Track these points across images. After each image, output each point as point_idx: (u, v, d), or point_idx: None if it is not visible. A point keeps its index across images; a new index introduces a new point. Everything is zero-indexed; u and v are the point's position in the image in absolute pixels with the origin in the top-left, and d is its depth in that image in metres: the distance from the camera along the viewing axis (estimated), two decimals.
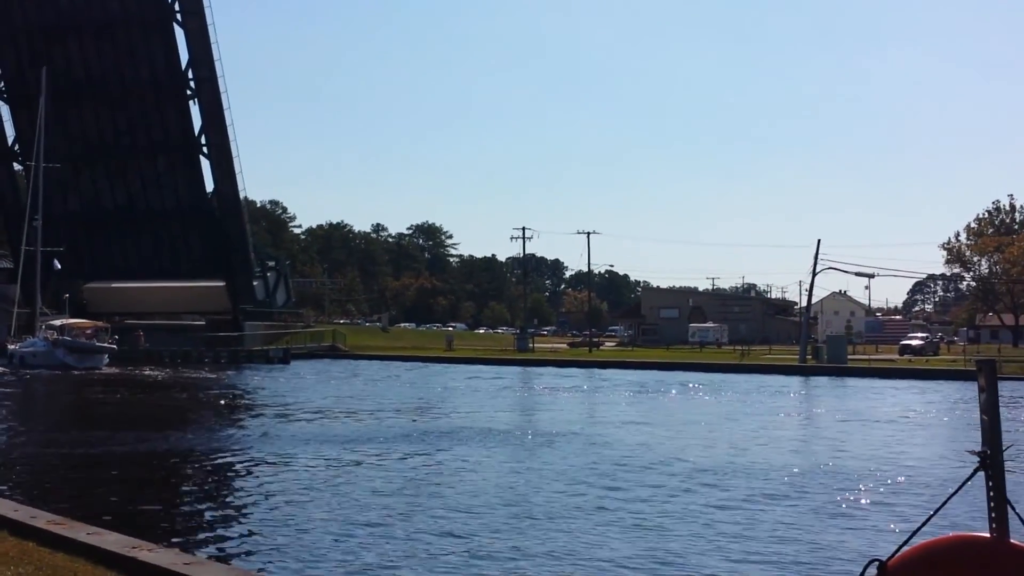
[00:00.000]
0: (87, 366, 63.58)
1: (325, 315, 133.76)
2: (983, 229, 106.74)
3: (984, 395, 4.87)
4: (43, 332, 67.71)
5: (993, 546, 4.77)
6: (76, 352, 64.95)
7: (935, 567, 4.79)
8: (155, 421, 32.84)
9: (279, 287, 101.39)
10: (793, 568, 12.59)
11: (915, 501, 17.29)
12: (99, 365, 64.98)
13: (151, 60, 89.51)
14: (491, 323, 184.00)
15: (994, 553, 4.75)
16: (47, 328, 68.01)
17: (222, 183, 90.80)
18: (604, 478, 19.47)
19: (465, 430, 28.64)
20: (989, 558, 4.73)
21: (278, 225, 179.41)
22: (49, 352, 64.40)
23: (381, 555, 13.08)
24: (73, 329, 68.29)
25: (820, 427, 31.80)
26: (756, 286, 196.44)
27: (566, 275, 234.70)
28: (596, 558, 12.93)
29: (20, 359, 64.67)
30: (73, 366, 62.55)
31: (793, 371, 63.47)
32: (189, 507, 17.11)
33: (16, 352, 65.82)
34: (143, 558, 9.29)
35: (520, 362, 77.33)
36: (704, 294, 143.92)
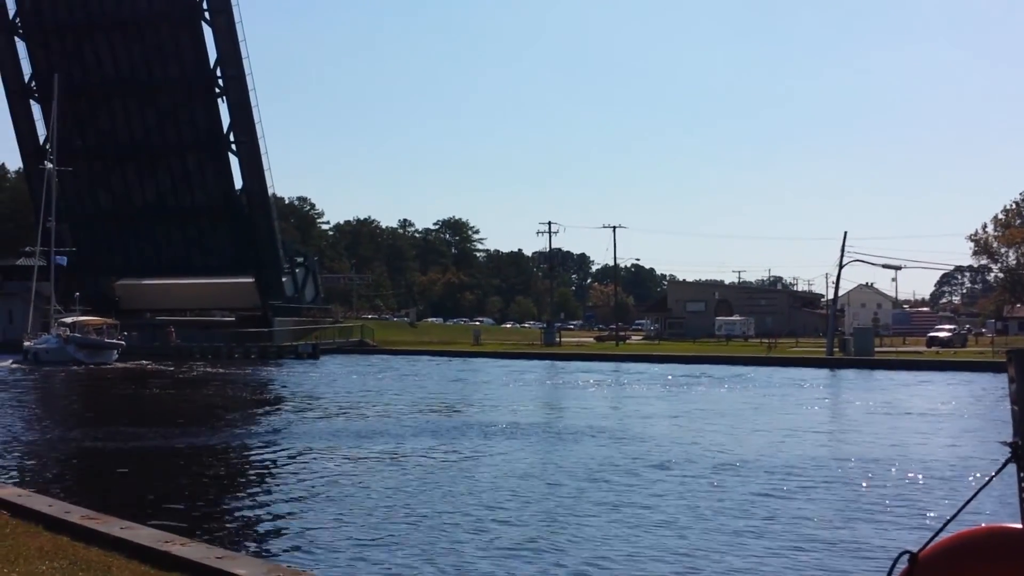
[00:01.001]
0: (97, 361, 65.40)
1: (353, 311, 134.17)
2: (1010, 220, 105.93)
3: (1015, 385, 4.86)
4: (56, 329, 69.24)
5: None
6: (86, 348, 66.99)
7: (967, 558, 4.77)
8: (186, 417, 33.05)
9: (307, 283, 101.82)
10: (822, 561, 12.57)
11: (944, 493, 17.22)
12: (108, 360, 66.83)
13: (180, 58, 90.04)
14: (518, 318, 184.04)
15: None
16: (60, 325, 69.45)
17: (250, 180, 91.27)
18: (629, 473, 19.45)
19: (493, 425, 28.69)
20: (1022, 548, 4.71)
21: (306, 221, 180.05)
22: (60, 348, 66.54)
23: (412, 549, 13.14)
24: (85, 326, 70.14)
25: (847, 420, 31.67)
26: (782, 279, 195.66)
27: (592, 269, 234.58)
28: (623, 553, 12.92)
29: (34, 355, 66.88)
30: (84, 361, 64.51)
31: (820, 364, 63.21)
32: (221, 501, 17.23)
33: (31, 348, 68.01)
34: (176, 552, 9.38)
35: (547, 356, 77.36)
36: (730, 287, 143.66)
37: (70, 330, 68.20)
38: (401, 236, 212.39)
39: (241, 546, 13.22)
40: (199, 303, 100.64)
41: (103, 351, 68.11)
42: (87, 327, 70.20)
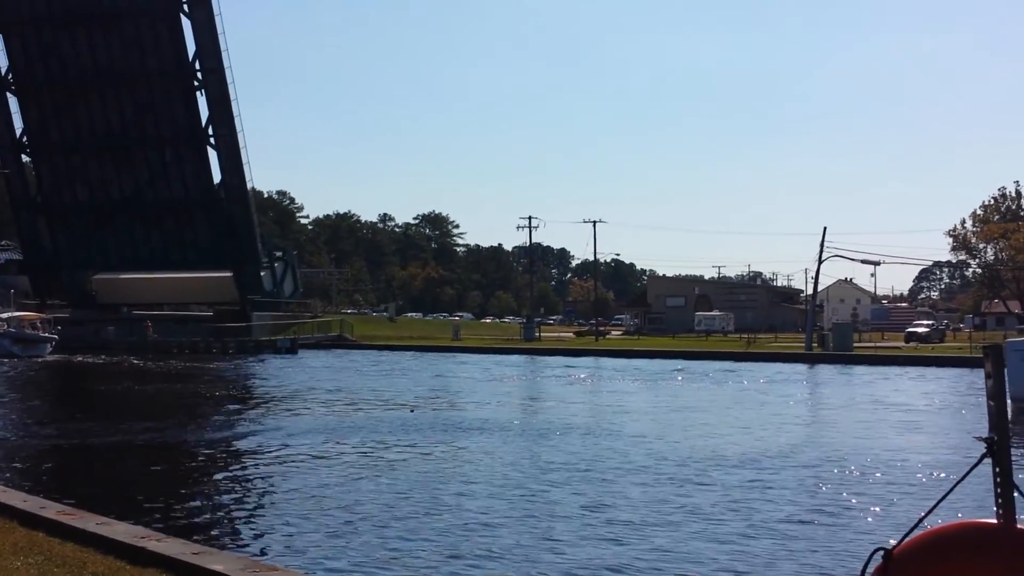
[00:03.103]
0: (31, 354, 67.08)
1: (332, 305, 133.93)
2: (989, 216, 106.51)
3: (991, 381, 4.87)
4: None
5: (1000, 531, 4.76)
6: (20, 342, 68.72)
7: (941, 554, 4.78)
8: (161, 412, 32.90)
9: (286, 277, 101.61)
10: (796, 557, 12.58)
11: (919, 489, 17.28)
12: (42, 353, 68.87)
13: (158, 51, 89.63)
14: (498, 312, 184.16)
15: (1001, 538, 4.74)
16: None
17: (229, 174, 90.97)
18: (603, 470, 19.40)
19: (471, 420, 28.65)
20: (996, 543, 4.72)
21: (285, 215, 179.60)
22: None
23: (389, 545, 13.10)
24: (20, 321, 71.99)
25: (824, 415, 31.79)
26: (762, 274, 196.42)
27: (572, 264, 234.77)
28: (592, 552, 12.88)
29: None
30: (18, 355, 65.95)
31: (799, 359, 63.47)
32: (197, 497, 17.15)
33: None
34: (152, 548, 9.33)
35: (527, 351, 77.43)
36: (710, 282, 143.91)
37: (7, 325, 69.71)
38: (381, 231, 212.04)
39: (217, 542, 13.15)
40: (177, 297, 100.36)
41: (37, 344, 70.03)
42: (22, 322, 72.02)
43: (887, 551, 4.84)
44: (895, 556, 4.82)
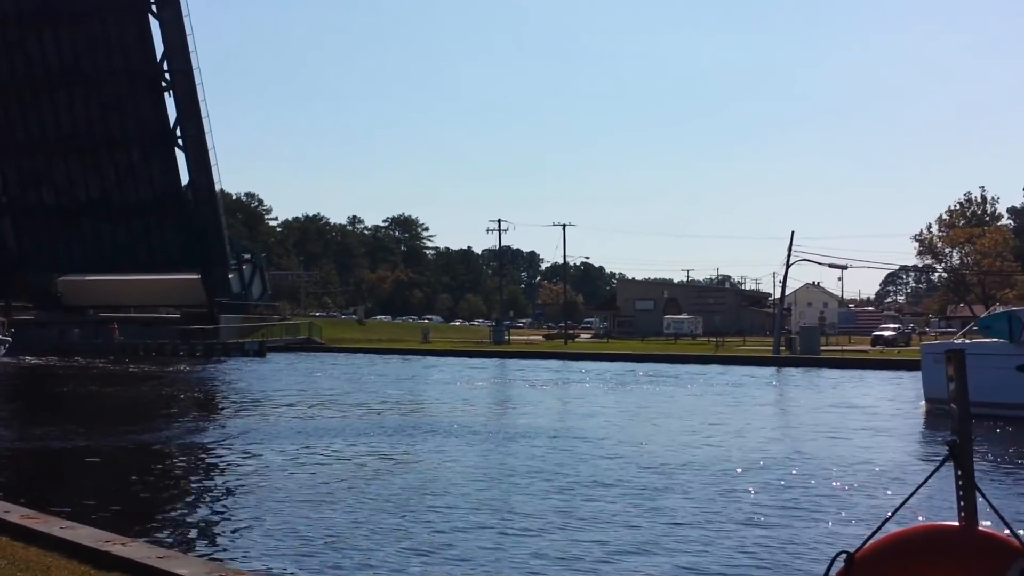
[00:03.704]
0: None
1: (301, 308, 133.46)
2: (954, 221, 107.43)
3: (953, 385, 4.91)
4: None
5: (962, 533, 4.80)
6: None
7: (904, 557, 4.81)
8: (127, 415, 32.68)
9: (255, 280, 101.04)
10: (759, 561, 12.63)
11: (882, 491, 17.39)
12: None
13: (126, 51, 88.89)
14: (467, 315, 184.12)
15: (964, 540, 4.77)
16: None
17: (197, 175, 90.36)
18: (571, 474, 19.37)
19: (438, 424, 28.61)
20: (959, 545, 4.76)
21: (254, 217, 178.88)
22: None
23: (355, 549, 13.06)
24: None
25: (789, 418, 31.97)
26: (730, 278, 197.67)
27: (542, 267, 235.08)
28: (558, 558, 12.88)
29: None
30: None
31: (767, 362, 63.76)
32: (163, 501, 17.04)
33: None
34: (117, 552, 9.26)
35: (496, 354, 77.32)
36: (679, 286, 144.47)
37: None
38: (350, 233, 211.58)
39: (183, 546, 13.08)
40: (144, 300, 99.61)
41: None
42: None
43: (850, 554, 4.87)
44: (858, 559, 4.85)
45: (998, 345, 30.84)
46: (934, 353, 32.60)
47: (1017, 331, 30.10)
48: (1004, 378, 29.31)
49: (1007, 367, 29.60)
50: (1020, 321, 30.40)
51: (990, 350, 30.84)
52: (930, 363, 32.52)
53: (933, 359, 32.18)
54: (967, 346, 32.02)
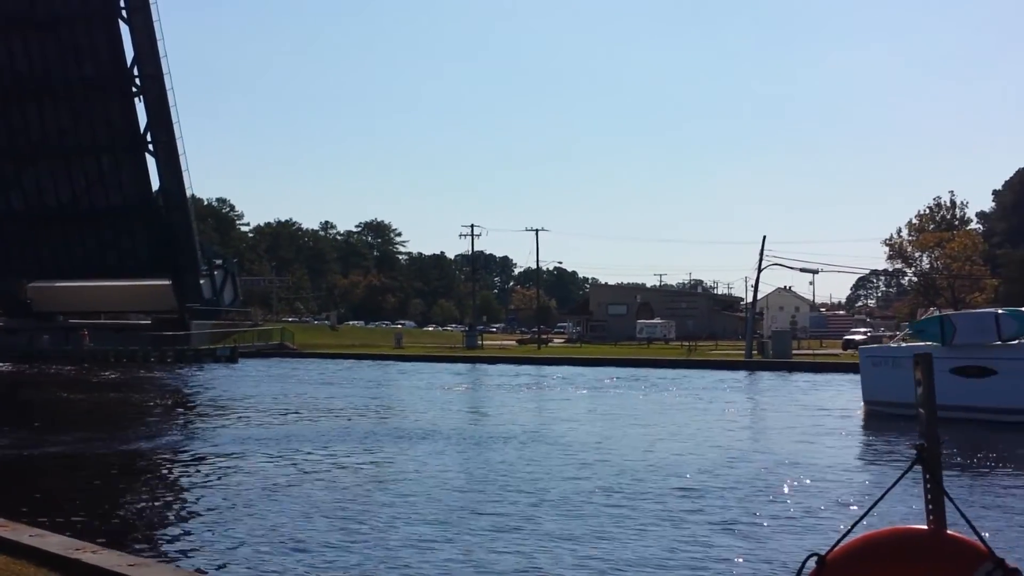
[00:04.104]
0: None
1: (273, 313, 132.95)
2: (924, 225, 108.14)
3: (921, 388, 4.96)
4: None
5: (931, 537, 4.84)
6: None
7: (874, 559, 4.85)
8: (98, 422, 32.45)
9: (226, 285, 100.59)
10: (729, 562, 12.68)
11: (852, 494, 17.50)
12: None
13: (96, 56, 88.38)
14: (440, 320, 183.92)
15: (932, 544, 4.82)
16: None
17: (168, 181, 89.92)
18: (541, 479, 19.38)
19: (412, 429, 28.57)
20: (927, 549, 4.81)
21: (225, 223, 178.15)
22: None
23: (326, 556, 13.03)
24: None
25: (760, 422, 32.18)
26: (703, 282, 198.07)
27: (515, 272, 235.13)
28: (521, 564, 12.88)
29: None
30: None
31: (739, 366, 64.03)
32: (134, 508, 16.93)
33: None
34: (87, 560, 9.20)
35: (469, 359, 77.28)
36: (651, 290, 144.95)
37: None
38: (322, 238, 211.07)
39: (153, 553, 13.01)
40: (114, 306, 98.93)
41: None
42: None
43: (821, 556, 4.90)
44: (829, 561, 4.89)
45: (931, 348, 31.16)
46: (872, 357, 33.85)
47: (949, 335, 30.85)
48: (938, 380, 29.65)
49: (940, 370, 29.94)
50: (952, 325, 31.23)
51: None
52: (868, 367, 33.75)
53: (871, 363, 33.51)
54: (902, 350, 33.18)
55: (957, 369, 30.50)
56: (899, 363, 32.08)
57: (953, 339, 30.73)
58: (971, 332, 30.76)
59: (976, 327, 30.91)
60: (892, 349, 34.48)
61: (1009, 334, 30.25)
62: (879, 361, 33.59)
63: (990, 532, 13.39)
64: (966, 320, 32.07)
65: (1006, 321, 30.57)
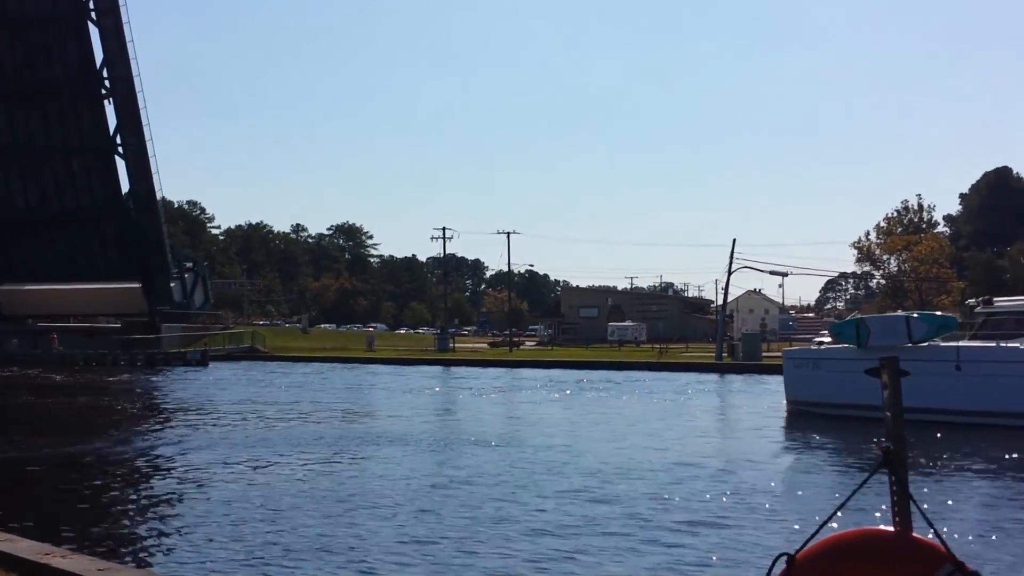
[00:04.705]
0: None
1: (244, 316, 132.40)
2: (892, 228, 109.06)
3: (887, 392, 5.02)
4: None
5: (897, 539, 4.92)
6: None
7: (842, 559, 4.92)
8: (66, 426, 32.23)
9: (197, 288, 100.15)
10: (700, 563, 12.75)
11: (820, 495, 17.62)
12: None
13: (65, 59, 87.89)
14: (412, 323, 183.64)
15: (898, 546, 4.90)
16: None
17: (138, 183, 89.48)
18: (509, 482, 19.36)
19: (381, 433, 28.53)
20: (893, 551, 4.88)
21: (196, 226, 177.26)
22: None
23: (295, 560, 13.02)
24: None
25: (730, 424, 32.37)
26: (674, 285, 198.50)
27: (486, 275, 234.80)
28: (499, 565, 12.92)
29: None
30: None
31: (709, 368, 64.23)
32: (103, 513, 16.84)
33: None
34: (56, 564, 9.15)
35: (441, 362, 77.21)
36: (623, 293, 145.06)
37: None
38: (294, 241, 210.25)
39: (123, 558, 12.96)
40: (84, 309, 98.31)
41: None
42: None
43: (790, 556, 4.97)
44: (798, 561, 4.95)
45: (848, 350, 32.90)
46: (794, 359, 35.42)
47: (864, 337, 32.05)
48: (854, 381, 31.53)
49: (856, 371, 31.58)
50: (867, 328, 32.40)
51: (841, 355, 33.32)
52: (791, 368, 35.23)
53: (793, 364, 35.06)
54: (821, 352, 34.86)
55: (872, 371, 31.00)
56: (819, 364, 33.91)
57: (868, 341, 31.94)
58: (884, 335, 31.92)
59: (889, 330, 32.08)
60: (812, 351, 35.96)
61: (919, 337, 31.45)
62: (801, 363, 35.02)
63: (957, 534, 13.55)
64: (879, 323, 33.23)
65: (916, 324, 31.83)
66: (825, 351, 34.84)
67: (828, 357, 34.16)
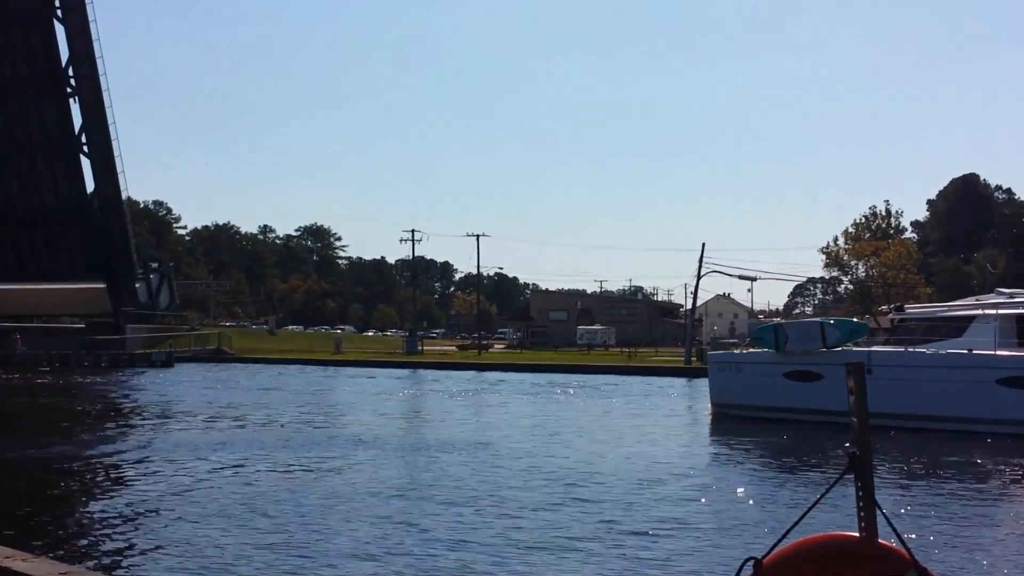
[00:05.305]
0: None
1: (210, 318, 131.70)
2: (860, 234, 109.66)
3: (853, 397, 5.03)
4: None
5: (862, 544, 4.94)
6: None
7: (808, 564, 4.95)
8: (27, 427, 31.89)
9: (162, 289, 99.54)
10: (667, 566, 12.75)
11: (788, 498, 17.68)
12: None
13: (30, 56, 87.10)
14: (380, 326, 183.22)
15: (863, 551, 4.92)
16: None
17: (103, 183, 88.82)
18: (474, 487, 19.32)
19: (349, 436, 28.41)
20: (858, 556, 4.91)
21: (162, 226, 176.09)
22: None
23: (258, 564, 12.93)
24: None
25: (698, 428, 32.47)
26: (643, 289, 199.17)
27: (456, 277, 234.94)
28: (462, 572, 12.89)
29: None
30: None
31: (678, 372, 64.46)
32: (65, 516, 16.66)
33: None
34: (18, 568, 9.02)
35: (409, 364, 77.13)
36: (592, 296, 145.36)
37: None
38: (261, 242, 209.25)
39: (86, 561, 12.83)
40: (47, 309, 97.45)
41: None
42: None
43: (757, 560, 4.98)
44: (765, 565, 4.96)
45: (767, 355, 34.22)
46: (719, 363, 36.62)
47: (782, 342, 33.23)
48: (773, 384, 33.30)
49: (775, 374, 33.35)
50: (785, 334, 33.49)
51: (760, 359, 34.66)
52: (716, 371, 36.48)
53: (718, 368, 36.31)
54: (743, 356, 36.18)
55: (789, 374, 33.17)
56: (740, 368, 35.09)
57: (786, 346, 33.07)
58: (800, 340, 32.98)
59: (804, 335, 33.09)
60: (735, 355, 37.17)
61: (833, 342, 32.47)
62: (724, 367, 36.13)
63: (920, 539, 13.63)
64: (796, 329, 34.13)
65: (830, 330, 32.87)
66: (746, 355, 36.10)
67: (748, 361, 35.28)
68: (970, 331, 30.44)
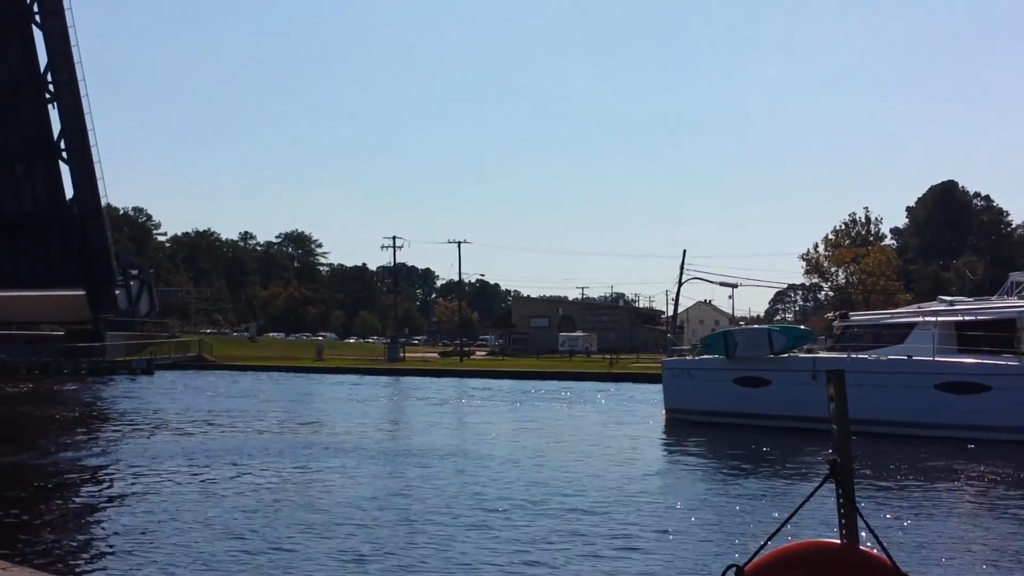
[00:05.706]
0: None
1: (191, 325, 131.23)
2: (840, 241, 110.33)
3: (833, 405, 5.02)
4: None
5: (843, 552, 4.94)
6: None
7: (791, 571, 4.94)
8: (5, 435, 31.66)
9: (142, 296, 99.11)
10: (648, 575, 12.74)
11: (768, 507, 17.69)
12: None
13: (8, 62, 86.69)
14: (362, 332, 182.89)
15: (844, 558, 4.92)
16: None
17: (82, 189, 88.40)
18: (453, 497, 19.22)
19: (330, 444, 28.31)
20: (839, 563, 4.91)
21: (142, 232, 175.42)
22: None
23: (246, 571, 12.86)
24: None
25: (677, 433, 32.49)
26: (624, 295, 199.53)
27: (437, 284, 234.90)
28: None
29: None
30: None
31: (660, 379, 64.35)
32: (44, 525, 16.53)
33: None
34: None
35: (391, 372, 76.98)
36: (574, 303, 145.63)
37: None
38: (242, 249, 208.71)
39: (64, 570, 12.73)
40: (26, 316, 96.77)
41: None
42: None
43: (740, 567, 4.97)
44: (747, 572, 4.95)
45: (717, 361, 34.83)
46: (672, 369, 37.35)
47: (732, 348, 33.83)
48: (723, 389, 34.01)
49: (725, 380, 34.02)
50: (734, 340, 34.14)
51: (711, 365, 35.33)
52: (670, 377, 37.32)
53: (671, 374, 37.14)
54: (694, 362, 36.86)
55: (738, 379, 33.86)
56: (692, 374, 35.85)
57: (735, 352, 33.66)
58: (749, 346, 33.58)
59: (753, 342, 33.70)
60: (687, 361, 37.66)
61: (780, 348, 33.17)
62: (677, 373, 36.84)
63: (901, 545, 13.65)
64: (745, 336, 34.79)
65: (777, 337, 33.64)
66: (696, 361, 36.77)
67: (699, 367, 35.92)
68: (911, 338, 31.13)
